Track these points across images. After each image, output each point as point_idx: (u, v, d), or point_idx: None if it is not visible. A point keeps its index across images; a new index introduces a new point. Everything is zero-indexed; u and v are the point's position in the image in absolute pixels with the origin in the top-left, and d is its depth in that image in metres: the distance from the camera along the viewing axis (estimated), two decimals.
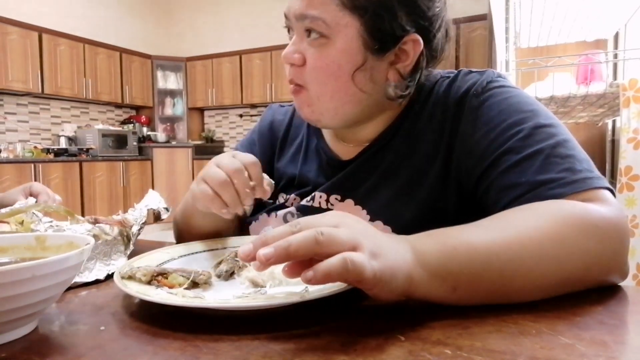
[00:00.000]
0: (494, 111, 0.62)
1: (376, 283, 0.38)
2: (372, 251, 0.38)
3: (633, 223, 1.46)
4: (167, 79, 6.68)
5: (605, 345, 0.36)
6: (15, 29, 4.85)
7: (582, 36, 2.05)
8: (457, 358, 0.34)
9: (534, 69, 1.72)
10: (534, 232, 0.46)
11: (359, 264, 0.37)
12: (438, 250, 0.43)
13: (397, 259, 0.40)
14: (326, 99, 0.64)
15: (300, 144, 0.81)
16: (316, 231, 0.38)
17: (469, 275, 0.43)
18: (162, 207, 0.77)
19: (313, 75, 0.63)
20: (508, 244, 0.45)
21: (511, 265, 0.44)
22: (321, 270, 0.36)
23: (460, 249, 0.43)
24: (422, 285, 0.41)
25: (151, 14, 6.67)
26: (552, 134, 0.57)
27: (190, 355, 0.36)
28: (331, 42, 0.61)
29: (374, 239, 0.40)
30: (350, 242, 0.38)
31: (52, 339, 0.40)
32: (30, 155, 4.95)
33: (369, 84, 0.64)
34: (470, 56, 4.96)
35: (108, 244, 0.62)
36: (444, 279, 0.42)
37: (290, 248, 0.37)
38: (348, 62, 0.61)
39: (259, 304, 0.43)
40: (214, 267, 0.58)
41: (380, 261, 0.38)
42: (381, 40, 0.61)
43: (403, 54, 0.63)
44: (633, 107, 1.44)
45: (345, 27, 0.60)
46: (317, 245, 0.37)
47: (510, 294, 0.45)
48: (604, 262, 0.48)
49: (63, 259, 0.39)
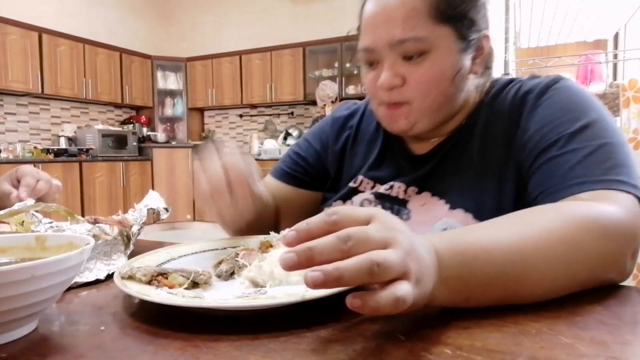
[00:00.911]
0: (551, 108, 0.65)
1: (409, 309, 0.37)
2: (417, 278, 0.37)
3: None
4: (167, 79, 6.68)
5: (605, 345, 0.36)
6: (15, 29, 4.85)
7: (582, 36, 2.05)
8: (457, 358, 0.34)
9: (534, 69, 1.72)
10: (548, 235, 0.46)
11: (408, 301, 0.35)
12: (458, 262, 0.42)
13: (429, 281, 0.39)
14: (427, 105, 0.68)
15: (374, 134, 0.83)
16: (371, 262, 0.34)
17: (483, 285, 0.43)
18: (162, 207, 0.77)
19: (417, 89, 0.67)
20: (522, 249, 0.45)
21: (524, 271, 0.45)
22: (372, 307, 0.34)
23: (479, 259, 0.43)
24: (439, 298, 0.41)
25: (151, 14, 6.67)
26: (600, 135, 0.59)
27: (190, 355, 0.36)
28: (432, 55, 0.65)
29: (418, 262, 0.38)
30: (402, 271, 0.36)
31: (52, 339, 0.40)
32: (30, 155, 4.95)
33: (463, 82, 0.69)
34: None
35: (108, 244, 0.62)
36: (460, 291, 0.42)
37: (342, 279, 0.34)
38: (450, 68, 0.67)
39: (259, 303, 0.43)
40: (214, 267, 0.58)
41: (420, 288, 0.37)
42: (469, 41, 0.67)
43: (479, 50, 0.70)
44: (633, 107, 1.44)
45: (442, 38, 0.65)
46: (370, 277, 0.35)
47: (519, 297, 0.45)
48: (607, 263, 0.49)
49: (63, 259, 0.39)
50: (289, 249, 0.36)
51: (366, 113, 0.86)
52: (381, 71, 0.68)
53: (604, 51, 2.16)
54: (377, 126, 0.83)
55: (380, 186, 0.77)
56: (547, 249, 0.46)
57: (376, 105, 0.72)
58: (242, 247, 0.64)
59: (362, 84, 0.75)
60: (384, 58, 0.67)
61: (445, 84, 0.67)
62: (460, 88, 0.69)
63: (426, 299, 0.39)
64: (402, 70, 0.66)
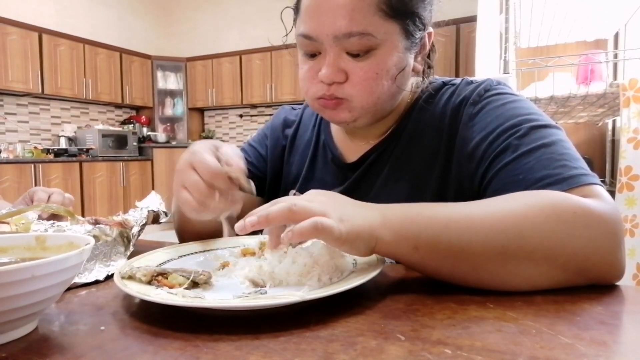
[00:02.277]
0: (491, 116, 0.64)
1: (344, 242, 0.46)
2: (339, 217, 0.46)
3: (633, 223, 1.46)
4: (167, 79, 6.68)
5: (605, 345, 0.36)
6: (15, 29, 4.85)
7: (582, 36, 2.05)
8: (457, 358, 0.34)
9: (534, 69, 1.72)
10: (501, 210, 0.48)
11: (328, 225, 0.45)
12: (402, 213, 0.49)
13: (362, 222, 0.48)
14: (370, 103, 0.65)
15: (309, 142, 0.83)
16: (290, 203, 0.46)
17: (428, 236, 0.48)
18: (161, 211, 0.77)
19: (360, 87, 0.63)
20: (468, 214, 0.49)
21: (468, 231, 0.47)
22: (296, 230, 0.44)
23: (423, 214, 0.49)
24: (386, 244, 0.48)
25: (151, 14, 6.67)
26: (548, 134, 0.59)
27: (190, 355, 0.36)
28: (378, 53, 0.62)
29: (342, 208, 0.48)
30: (320, 211, 0.46)
31: (52, 339, 0.40)
32: (30, 155, 4.95)
33: (406, 80, 0.68)
34: (471, 56, 4.96)
35: (108, 245, 0.62)
36: (406, 238, 0.48)
37: (269, 216, 0.46)
38: (394, 65, 0.64)
39: (259, 303, 0.43)
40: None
41: (346, 225, 0.46)
42: (413, 38, 0.65)
43: (423, 47, 0.69)
44: (633, 107, 1.44)
45: (390, 35, 0.62)
46: (291, 213, 0.46)
47: (470, 259, 0.47)
48: (592, 255, 0.48)
49: (63, 259, 0.39)
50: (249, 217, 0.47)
51: (302, 121, 0.87)
52: (322, 63, 0.63)
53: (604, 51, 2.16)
54: (311, 134, 0.84)
55: None
56: (494, 217, 0.48)
57: (312, 97, 0.67)
58: (242, 247, 0.64)
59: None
60: (326, 49, 0.63)
61: (388, 83, 0.64)
62: (403, 86, 0.68)
63: (369, 241, 0.47)
64: (345, 66, 0.62)
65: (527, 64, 1.73)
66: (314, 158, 0.81)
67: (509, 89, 0.68)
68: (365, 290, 0.50)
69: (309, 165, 0.81)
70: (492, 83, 0.68)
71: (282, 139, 0.87)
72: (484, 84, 0.68)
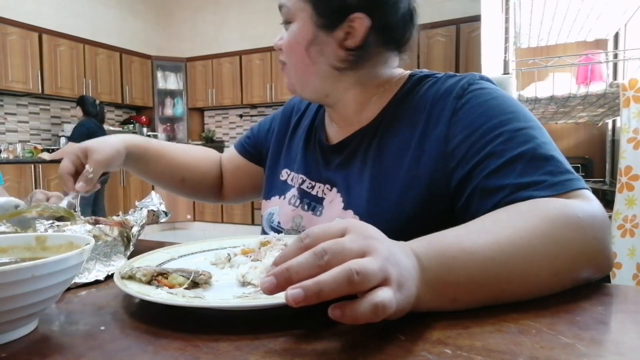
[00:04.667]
0: (474, 113, 0.64)
1: (395, 314, 0.37)
2: (398, 282, 0.37)
3: (633, 223, 1.46)
4: (167, 79, 6.68)
5: (605, 345, 0.36)
6: (15, 29, 4.85)
7: (582, 36, 2.05)
8: (457, 358, 0.34)
9: (534, 69, 1.72)
10: (524, 232, 0.47)
11: (389, 307, 0.35)
12: (438, 263, 0.43)
13: (412, 285, 0.39)
14: (293, 70, 0.76)
15: (307, 127, 0.88)
16: (350, 271, 0.34)
17: (468, 285, 0.43)
18: (161, 210, 0.77)
19: (284, 52, 0.76)
20: (501, 246, 0.45)
21: (506, 268, 0.45)
22: (349, 316, 0.35)
23: (458, 259, 0.44)
24: (426, 301, 0.41)
25: (151, 14, 6.67)
26: (532, 137, 0.59)
27: (190, 355, 0.36)
28: (293, 24, 0.73)
29: (398, 266, 0.38)
30: (382, 277, 0.36)
31: (52, 339, 0.40)
32: (30, 155, 4.95)
33: (320, 57, 0.73)
34: (470, 56, 4.96)
35: (108, 244, 0.62)
36: (445, 292, 0.43)
37: (323, 293, 0.34)
38: (303, 38, 0.72)
39: (259, 303, 0.43)
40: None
41: (403, 292, 0.38)
42: (328, 19, 0.71)
43: (352, 32, 0.70)
44: (633, 107, 1.44)
45: (300, 11, 0.72)
46: (350, 286, 0.35)
47: (507, 295, 0.45)
48: (589, 255, 0.49)
49: (63, 259, 0.39)
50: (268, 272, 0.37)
51: (308, 110, 0.91)
52: None
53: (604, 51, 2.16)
54: (310, 120, 0.88)
55: (305, 181, 0.81)
56: (523, 243, 0.46)
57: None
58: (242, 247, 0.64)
59: None
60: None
61: (300, 52, 0.73)
62: (317, 60, 0.73)
63: (412, 303, 0.39)
64: (282, 34, 0.76)
65: (527, 64, 1.73)
66: (307, 139, 0.86)
67: (490, 83, 0.69)
68: None
69: (304, 145, 0.86)
70: (474, 77, 0.69)
71: (287, 124, 0.93)
72: (467, 77, 0.69)
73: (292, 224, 0.80)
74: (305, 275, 0.35)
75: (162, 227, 6.10)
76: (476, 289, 0.44)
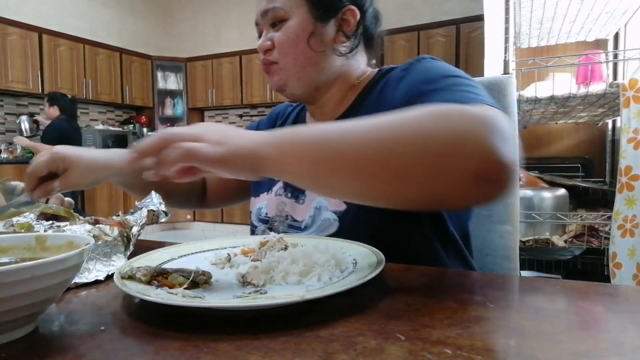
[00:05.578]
0: (414, 77, 0.71)
1: (223, 163, 0.48)
2: (218, 140, 0.48)
3: (633, 223, 1.46)
4: (167, 80, 6.68)
5: (606, 345, 0.36)
6: (15, 29, 4.85)
7: (582, 36, 2.05)
8: (457, 358, 0.34)
9: (534, 69, 1.72)
10: (388, 118, 0.49)
11: (197, 148, 0.47)
12: (288, 130, 0.52)
13: (244, 143, 0.49)
14: (290, 64, 0.78)
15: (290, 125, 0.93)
16: (162, 132, 0.49)
17: (311, 144, 0.49)
18: (161, 210, 0.77)
19: (280, 50, 0.78)
20: (352, 123, 0.50)
21: (349, 134, 0.49)
22: (162, 159, 0.48)
23: (307, 129, 0.52)
24: (273, 161, 0.49)
25: (151, 14, 6.67)
26: (462, 82, 0.64)
27: (190, 355, 0.36)
28: (290, 21, 0.77)
29: (223, 132, 0.50)
30: (192, 136, 0.48)
31: (52, 339, 0.40)
32: (30, 155, 4.95)
33: (321, 45, 0.78)
34: (470, 56, 4.96)
35: (108, 244, 0.62)
36: (290, 151, 0.49)
37: (142, 148, 0.49)
38: (303, 30, 0.77)
39: (259, 303, 0.43)
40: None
41: (225, 146, 0.48)
42: (325, 11, 0.77)
43: (345, 23, 0.79)
44: (633, 107, 1.44)
45: (297, 7, 0.77)
46: (162, 141, 0.48)
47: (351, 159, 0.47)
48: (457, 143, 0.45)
49: (63, 259, 0.39)
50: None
51: (292, 115, 0.96)
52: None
53: (604, 51, 2.16)
54: (293, 121, 0.94)
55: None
56: (385, 123, 0.48)
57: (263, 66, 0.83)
58: (242, 247, 0.64)
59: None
60: (262, 27, 0.81)
61: (301, 44, 0.77)
62: (318, 49, 0.78)
63: (252, 160, 0.49)
64: (271, 35, 0.79)
65: (527, 64, 1.73)
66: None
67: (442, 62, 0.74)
68: (365, 290, 0.50)
69: None
70: (425, 57, 0.75)
71: (272, 128, 0.98)
72: (418, 57, 0.76)
73: (277, 211, 0.84)
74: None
75: (162, 227, 6.09)
76: (318, 147, 0.49)
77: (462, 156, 0.45)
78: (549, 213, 1.68)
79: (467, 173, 0.45)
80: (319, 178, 0.50)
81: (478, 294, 0.47)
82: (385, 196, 0.49)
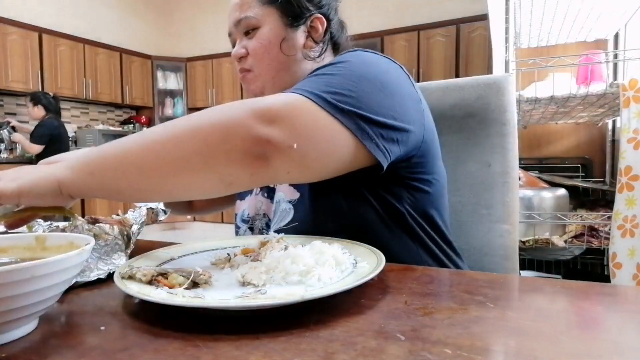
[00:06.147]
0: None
1: (18, 195, 0.52)
2: (12, 178, 0.53)
3: (633, 223, 1.46)
4: (167, 79, 6.68)
5: (605, 345, 0.36)
6: (15, 29, 4.85)
7: (582, 36, 2.05)
8: (457, 358, 0.34)
9: (534, 69, 1.72)
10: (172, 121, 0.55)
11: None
12: (82, 154, 0.56)
13: (39, 174, 0.54)
14: (265, 70, 0.82)
15: None
16: None
17: (99, 157, 0.54)
18: (160, 209, 0.77)
19: (254, 57, 0.82)
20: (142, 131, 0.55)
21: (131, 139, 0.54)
22: None
23: (99, 147, 0.55)
24: (69, 181, 0.53)
25: (151, 14, 6.67)
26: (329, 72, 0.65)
27: (190, 355, 0.36)
28: (262, 29, 0.81)
29: (17, 171, 0.55)
30: None
31: (52, 339, 0.40)
32: (30, 155, 4.95)
33: (292, 50, 0.82)
34: (470, 56, 4.96)
35: (108, 243, 0.62)
36: (82, 168, 0.54)
37: None
38: (275, 36, 0.81)
39: (259, 303, 0.43)
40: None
41: (19, 182, 0.52)
42: (294, 18, 0.81)
43: (313, 30, 0.83)
44: (633, 107, 1.44)
45: (268, 16, 0.81)
46: None
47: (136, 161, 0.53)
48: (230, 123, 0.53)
49: (63, 259, 0.39)
50: None
51: None
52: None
53: (604, 51, 2.15)
54: None
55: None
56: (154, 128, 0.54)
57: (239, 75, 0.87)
58: (242, 247, 0.64)
59: None
60: (235, 36, 0.86)
61: (274, 49, 0.80)
62: (290, 53, 0.81)
63: (51, 185, 0.53)
64: (245, 44, 0.83)
65: (527, 64, 1.73)
66: None
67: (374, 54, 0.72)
68: (365, 290, 0.50)
69: None
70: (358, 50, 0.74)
71: None
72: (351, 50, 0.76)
73: (255, 210, 0.88)
74: None
75: (162, 227, 6.10)
76: (103, 158, 0.54)
77: (229, 138, 0.52)
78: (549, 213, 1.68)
79: (237, 153, 0.53)
80: (110, 186, 0.54)
81: (478, 294, 0.47)
82: (179, 188, 0.54)
